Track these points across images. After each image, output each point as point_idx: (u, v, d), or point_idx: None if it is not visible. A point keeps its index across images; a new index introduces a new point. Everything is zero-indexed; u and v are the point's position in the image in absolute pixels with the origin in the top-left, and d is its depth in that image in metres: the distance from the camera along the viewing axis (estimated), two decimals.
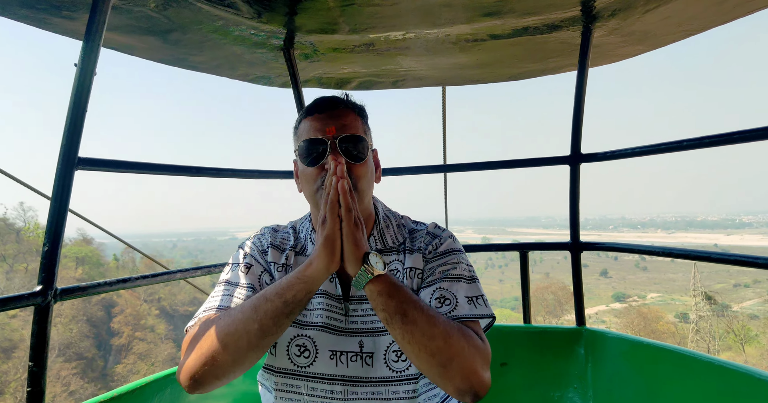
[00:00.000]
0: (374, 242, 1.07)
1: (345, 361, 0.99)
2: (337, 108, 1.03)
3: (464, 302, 0.97)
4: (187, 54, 1.59)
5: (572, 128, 1.76)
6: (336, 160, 0.97)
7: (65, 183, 1.08)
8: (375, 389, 0.98)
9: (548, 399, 1.63)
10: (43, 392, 1.05)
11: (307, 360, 0.99)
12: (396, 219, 1.14)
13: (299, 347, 1.00)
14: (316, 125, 1.01)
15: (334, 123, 1.00)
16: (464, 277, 1.02)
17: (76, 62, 1.07)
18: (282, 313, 0.84)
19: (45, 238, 1.06)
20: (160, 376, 1.33)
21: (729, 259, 1.26)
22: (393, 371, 0.98)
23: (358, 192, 1.00)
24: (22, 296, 1.01)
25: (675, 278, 75.45)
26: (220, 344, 0.84)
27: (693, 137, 1.33)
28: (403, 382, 0.98)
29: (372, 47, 1.74)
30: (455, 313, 0.95)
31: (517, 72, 2.05)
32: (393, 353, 0.99)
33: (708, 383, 1.26)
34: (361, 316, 1.02)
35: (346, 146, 0.99)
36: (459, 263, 1.04)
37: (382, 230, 1.10)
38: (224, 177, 1.65)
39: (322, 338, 1.00)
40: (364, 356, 0.99)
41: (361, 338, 1.00)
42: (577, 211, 1.78)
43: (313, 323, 1.01)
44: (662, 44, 1.70)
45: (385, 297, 0.84)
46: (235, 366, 0.86)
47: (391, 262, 1.07)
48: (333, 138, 0.99)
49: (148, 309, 42.70)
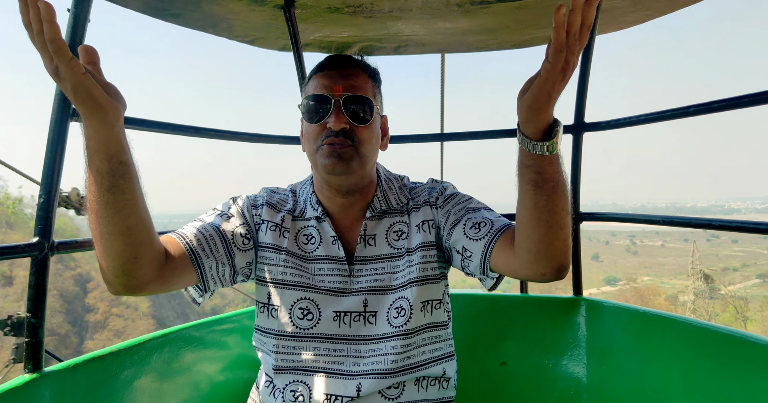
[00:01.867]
0: (378, 203, 1.07)
1: (348, 321, 1.00)
2: (348, 66, 1.01)
3: (497, 218, 0.99)
4: (183, 9, 1.54)
5: (576, 97, 1.74)
6: (338, 120, 0.95)
7: (60, 133, 1.05)
8: (376, 346, 1.00)
9: (541, 367, 1.66)
10: (41, 343, 1.05)
11: (310, 322, 1.00)
12: (397, 181, 1.14)
13: (302, 310, 1.00)
14: (324, 82, 0.99)
15: (343, 82, 0.98)
16: (483, 206, 1.05)
17: (69, 8, 1.03)
18: (100, 191, 0.73)
19: (40, 190, 1.04)
20: (160, 334, 1.34)
21: (730, 225, 1.26)
22: (393, 327, 1.00)
23: (360, 156, 0.98)
24: (19, 246, 1.00)
25: (665, 262, 76.67)
26: (96, 247, 0.79)
27: (701, 103, 1.31)
28: (401, 337, 0.99)
29: (375, 7, 1.69)
30: (496, 227, 0.96)
31: (522, 39, 2.00)
32: (395, 310, 1.01)
33: (704, 349, 1.28)
34: (366, 275, 1.03)
35: (352, 107, 0.97)
36: (471, 199, 1.06)
37: (385, 191, 1.09)
38: (223, 139, 1.61)
39: (326, 300, 1.01)
40: (367, 316, 1.01)
41: (365, 297, 1.01)
42: (578, 181, 1.77)
43: (316, 287, 1.02)
44: (673, 8, 1.65)
45: (557, 165, 0.79)
46: (116, 262, 0.78)
47: (395, 223, 1.07)
48: (339, 97, 0.96)
49: None
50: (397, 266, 1.04)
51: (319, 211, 1.05)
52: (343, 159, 0.95)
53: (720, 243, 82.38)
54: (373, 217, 1.06)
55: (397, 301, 1.01)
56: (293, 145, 1.86)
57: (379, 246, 1.05)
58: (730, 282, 37.84)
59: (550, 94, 0.71)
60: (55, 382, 1.06)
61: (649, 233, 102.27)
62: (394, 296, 1.02)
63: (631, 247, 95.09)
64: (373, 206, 1.06)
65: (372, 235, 1.05)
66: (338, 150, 0.95)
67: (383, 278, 1.03)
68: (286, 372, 1.01)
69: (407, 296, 1.01)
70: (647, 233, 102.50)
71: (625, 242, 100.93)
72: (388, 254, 1.04)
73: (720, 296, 36.88)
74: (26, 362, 1.03)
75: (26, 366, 1.03)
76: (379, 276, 1.03)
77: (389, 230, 1.06)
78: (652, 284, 43.90)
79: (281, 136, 1.86)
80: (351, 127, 0.97)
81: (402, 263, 1.04)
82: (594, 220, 1.77)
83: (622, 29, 1.87)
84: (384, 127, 1.11)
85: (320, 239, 1.05)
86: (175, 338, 1.37)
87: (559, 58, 0.68)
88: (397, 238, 1.06)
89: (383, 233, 1.06)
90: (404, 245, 1.05)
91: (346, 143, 0.96)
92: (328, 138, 0.96)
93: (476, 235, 0.96)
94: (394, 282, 1.03)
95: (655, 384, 1.37)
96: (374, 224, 1.06)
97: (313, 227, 1.06)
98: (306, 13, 1.73)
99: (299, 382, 0.99)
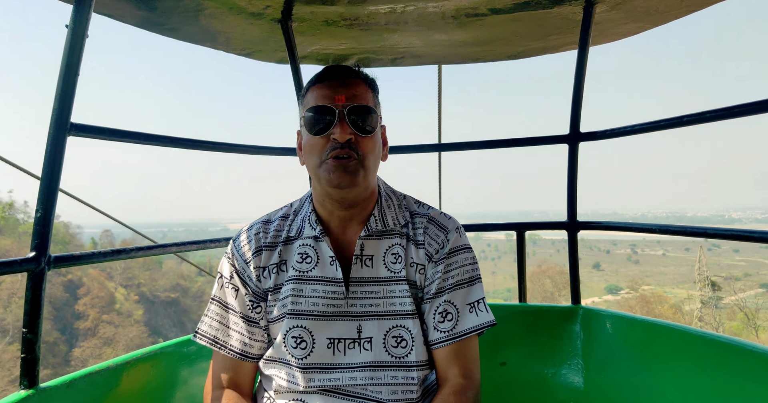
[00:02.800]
0: (375, 222, 1.03)
1: (342, 349, 0.98)
2: (348, 76, 0.98)
3: (465, 312, 1.00)
4: (181, 23, 1.56)
5: (572, 107, 1.75)
6: (343, 131, 0.94)
7: (57, 148, 1.05)
8: (374, 374, 0.97)
9: (541, 376, 1.65)
10: (37, 358, 1.04)
11: (303, 352, 0.97)
12: (398, 199, 1.10)
13: (295, 339, 0.98)
14: (325, 93, 0.96)
15: (345, 92, 0.95)
16: (464, 281, 1.03)
17: (67, 24, 1.05)
18: None
19: (37, 204, 1.04)
20: (156, 348, 1.33)
21: (726, 234, 1.26)
22: (392, 357, 0.97)
23: (365, 169, 0.96)
24: (15, 261, 1.00)
25: (667, 271, 76.34)
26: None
27: (693, 113, 1.33)
28: (402, 368, 0.97)
29: (371, 20, 1.72)
30: (457, 329, 0.99)
31: (517, 50, 2.03)
32: (393, 338, 0.98)
33: (703, 357, 1.27)
34: (361, 299, 1.00)
35: (356, 117, 0.95)
36: (462, 266, 1.03)
37: (383, 209, 1.05)
38: (220, 151, 1.62)
39: (319, 326, 0.98)
40: (362, 342, 0.98)
41: (359, 323, 0.99)
42: (575, 190, 1.78)
43: (308, 312, 0.99)
44: (664, 21, 1.68)
45: None
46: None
47: (393, 245, 1.03)
48: (342, 107, 0.94)
49: (126, 294, 41.34)
50: (393, 290, 1.00)
51: (317, 230, 1.02)
52: (348, 172, 0.93)
53: (721, 252, 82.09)
54: (369, 236, 1.03)
55: (394, 329, 0.98)
56: (289, 156, 1.88)
57: (376, 268, 1.01)
58: (733, 291, 37.55)
59: None
60: (52, 398, 1.04)
61: (650, 242, 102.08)
62: (391, 323, 0.99)
63: (632, 256, 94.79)
64: (369, 226, 1.02)
65: (369, 256, 1.02)
66: (344, 164, 0.93)
67: (378, 302, 0.99)
68: (286, 394, 1.00)
69: (408, 326, 0.98)
70: (648, 242, 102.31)
71: (626, 251, 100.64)
72: (386, 277, 1.01)
73: (724, 306, 36.53)
74: (21, 378, 1.02)
75: (21, 382, 1.02)
76: (374, 300, 1.00)
77: (387, 251, 1.02)
78: (657, 291, 43.52)
79: (277, 148, 1.87)
80: (356, 138, 0.95)
81: (400, 289, 1.00)
82: (591, 228, 1.77)
83: (615, 41, 1.90)
84: (384, 138, 1.08)
85: (317, 259, 1.02)
86: (173, 352, 1.36)
87: None
88: (395, 261, 1.02)
89: (381, 254, 1.02)
90: (401, 269, 1.01)
91: (352, 156, 0.94)
92: (334, 151, 0.93)
93: (440, 324, 1.00)
94: (390, 308, 0.99)
95: (654, 393, 1.36)
96: (372, 244, 1.03)
97: (309, 245, 1.03)
98: (303, 26, 1.76)
99: (300, 400, 0.98)
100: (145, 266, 46.44)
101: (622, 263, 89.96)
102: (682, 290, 38.88)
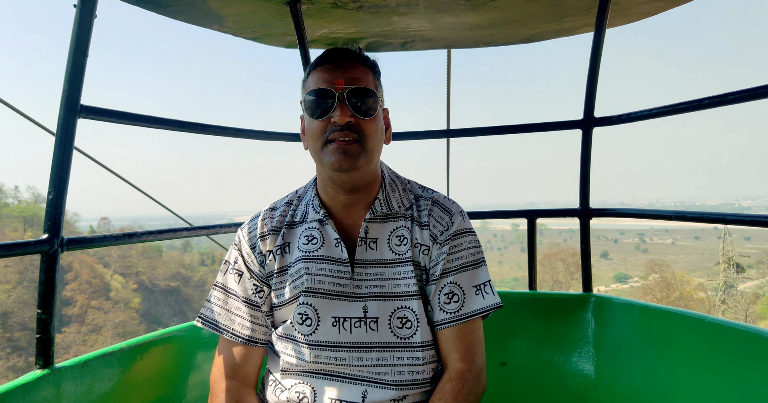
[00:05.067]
0: (380, 206, 1.04)
1: (348, 327, 0.98)
2: (348, 59, 0.98)
3: (472, 294, 1.00)
4: (188, 5, 1.54)
5: (586, 91, 1.71)
6: (343, 113, 0.93)
7: (68, 130, 1.06)
8: (380, 355, 0.98)
9: (552, 363, 1.64)
10: (52, 339, 1.06)
11: (309, 328, 0.99)
12: (402, 183, 1.11)
13: (301, 316, 0.99)
14: (324, 76, 0.96)
15: (344, 75, 0.95)
16: (469, 264, 1.03)
17: (75, 3, 1.03)
18: None
19: (49, 186, 1.05)
20: (169, 330, 1.34)
21: (745, 219, 1.24)
22: (398, 338, 0.98)
23: (367, 151, 0.96)
24: (29, 243, 1.01)
25: (676, 260, 75.82)
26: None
27: (714, 95, 1.29)
28: (407, 349, 0.98)
29: (381, 3, 1.68)
30: (463, 310, 0.99)
31: (530, 33, 1.98)
32: (398, 319, 0.99)
33: (716, 345, 1.25)
34: (366, 280, 1.01)
35: (356, 100, 0.94)
36: (467, 249, 1.03)
37: (387, 193, 1.06)
38: (228, 136, 1.61)
39: (325, 304, 0.99)
40: (368, 321, 0.98)
41: (365, 303, 0.99)
42: (587, 177, 1.75)
43: (315, 290, 0.99)
44: (682, 1, 1.62)
45: None
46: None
47: (397, 227, 1.04)
48: (342, 90, 0.94)
49: (124, 282, 40.51)
50: (398, 272, 1.01)
51: (321, 213, 1.03)
52: (349, 155, 0.93)
53: (732, 240, 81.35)
54: (373, 219, 1.04)
55: (400, 310, 0.99)
56: (296, 142, 1.86)
57: (381, 250, 1.02)
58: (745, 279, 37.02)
59: None
60: (67, 377, 1.06)
61: (659, 230, 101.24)
62: (396, 304, 0.99)
63: (640, 245, 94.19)
64: (374, 209, 1.03)
65: (374, 238, 1.03)
66: (344, 146, 0.93)
67: (383, 284, 1.00)
68: (292, 374, 1.01)
69: (413, 307, 0.99)
70: (656, 230, 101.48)
71: (635, 240, 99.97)
72: (390, 259, 1.02)
73: (735, 293, 35.86)
74: (37, 357, 1.04)
75: (37, 362, 1.04)
76: (379, 282, 1.00)
77: (392, 234, 1.03)
78: (679, 273, 42.71)
79: (285, 134, 1.86)
80: (356, 121, 0.94)
81: (404, 271, 1.01)
82: (604, 215, 1.74)
83: (634, 22, 1.84)
84: (386, 120, 1.07)
85: (322, 240, 1.03)
86: (184, 335, 1.37)
87: None
88: (399, 243, 1.03)
89: (385, 237, 1.03)
90: (406, 251, 1.02)
91: (353, 138, 0.94)
92: (333, 133, 0.94)
93: (445, 305, 1.00)
94: (395, 289, 1.00)
95: (666, 380, 1.35)
96: (376, 227, 1.04)
97: (314, 228, 1.04)
98: (312, 8, 1.73)
99: (305, 384, 0.99)
100: (144, 254, 46.02)
101: (631, 252, 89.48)
102: (692, 277, 38.48)
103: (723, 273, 33.75)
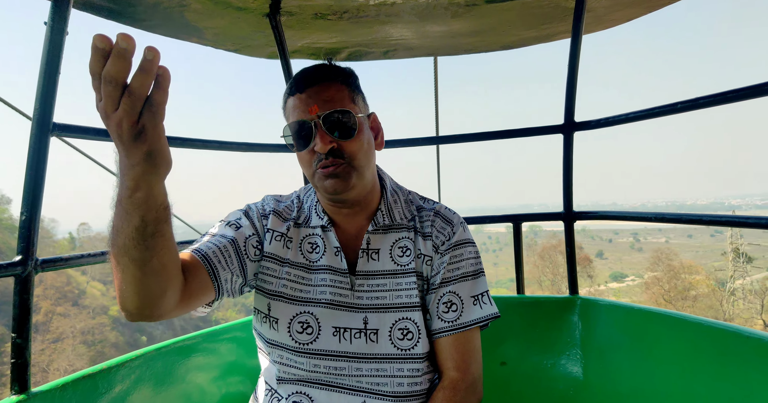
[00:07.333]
0: (382, 217, 1.04)
1: (348, 338, 0.98)
2: (317, 83, 0.97)
3: (470, 304, 1.01)
4: (165, 19, 1.54)
5: (566, 97, 1.73)
6: (323, 141, 0.93)
7: (40, 150, 1.04)
8: (379, 366, 0.97)
9: (541, 367, 1.64)
10: (27, 363, 1.03)
11: (309, 337, 0.98)
12: (404, 194, 1.11)
13: (302, 324, 0.98)
14: (298, 105, 0.96)
15: (317, 99, 0.94)
16: (469, 274, 1.03)
17: (45, 20, 1.03)
18: (142, 237, 0.69)
19: (22, 207, 1.03)
20: (152, 349, 1.32)
21: (720, 220, 1.25)
22: (398, 349, 0.98)
23: (356, 169, 0.96)
24: (1, 265, 0.99)
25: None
26: (122, 286, 0.76)
27: (687, 99, 1.31)
28: (408, 360, 0.97)
29: (362, 13, 1.69)
30: (461, 320, 0.99)
31: (510, 40, 2.00)
32: (398, 330, 0.98)
33: (699, 345, 1.27)
34: (367, 291, 1.01)
35: (332, 125, 0.93)
36: (467, 259, 1.04)
37: (390, 204, 1.06)
38: (211, 149, 1.61)
39: (326, 314, 0.99)
40: (368, 333, 0.98)
41: (366, 314, 0.99)
42: (570, 180, 1.77)
43: (316, 300, 0.99)
44: (657, 7, 1.65)
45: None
46: (146, 299, 0.75)
47: (400, 238, 1.04)
48: (317, 117, 0.93)
49: (105, 290, 38.03)
50: (400, 283, 1.01)
51: (324, 220, 1.04)
52: (340, 178, 0.94)
53: (725, 238, 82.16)
54: (376, 231, 1.04)
55: (401, 321, 0.99)
56: (285, 153, 1.86)
57: (383, 261, 1.02)
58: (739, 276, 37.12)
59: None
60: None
61: (652, 230, 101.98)
62: (397, 316, 0.99)
63: (635, 244, 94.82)
64: (376, 220, 1.03)
65: (375, 249, 1.03)
66: (333, 171, 0.93)
67: (384, 295, 1.00)
68: (290, 383, 0.99)
69: (415, 318, 0.99)
70: (650, 230, 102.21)
71: (629, 239, 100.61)
72: (392, 270, 1.02)
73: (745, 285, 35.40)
74: (12, 383, 1.01)
75: (12, 387, 1.02)
76: (380, 293, 1.00)
77: (394, 245, 1.04)
78: (687, 261, 42.36)
79: (273, 145, 1.85)
80: (339, 144, 0.94)
81: (406, 282, 1.01)
82: (587, 218, 1.76)
83: (609, 28, 1.87)
84: (375, 125, 1.05)
85: (324, 249, 1.03)
86: (168, 352, 1.35)
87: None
88: (402, 254, 1.03)
89: (387, 247, 1.03)
90: (409, 262, 1.02)
91: (339, 163, 0.94)
92: (320, 162, 0.94)
93: (444, 314, 1.00)
94: (397, 300, 1.00)
95: (653, 380, 1.36)
96: (378, 238, 1.04)
97: (318, 235, 1.04)
98: (292, 20, 1.73)
99: (302, 394, 0.98)
100: None
101: (626, 251, 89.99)
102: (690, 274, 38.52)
103: (732, 263, 33.22)
